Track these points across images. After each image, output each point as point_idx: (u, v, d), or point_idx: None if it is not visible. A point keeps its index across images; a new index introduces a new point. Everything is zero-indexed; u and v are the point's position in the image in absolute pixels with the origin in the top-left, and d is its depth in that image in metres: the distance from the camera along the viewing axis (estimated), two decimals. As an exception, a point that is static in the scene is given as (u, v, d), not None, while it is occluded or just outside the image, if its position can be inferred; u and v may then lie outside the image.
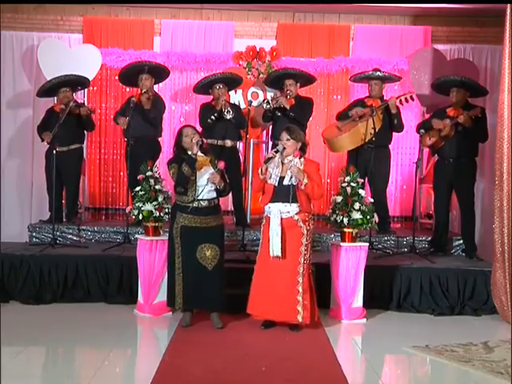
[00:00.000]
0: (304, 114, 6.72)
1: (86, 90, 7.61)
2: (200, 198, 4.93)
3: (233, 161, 6.66)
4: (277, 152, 4.88)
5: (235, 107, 6.79)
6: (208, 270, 4.94)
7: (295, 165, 4.86)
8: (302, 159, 4.97)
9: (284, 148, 4.88)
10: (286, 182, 4.86)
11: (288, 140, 4.90)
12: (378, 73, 6.87)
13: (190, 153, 4.94)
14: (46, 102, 7.21)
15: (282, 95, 6.73)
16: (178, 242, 5.00)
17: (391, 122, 6.74)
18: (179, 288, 4.98)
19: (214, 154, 5.14)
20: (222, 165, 4.97)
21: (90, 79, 7.30)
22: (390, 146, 6.92)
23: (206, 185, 4.92)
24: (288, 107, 6.63)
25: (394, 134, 6.94)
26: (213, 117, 6.58)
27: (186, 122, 7.88)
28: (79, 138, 7.09)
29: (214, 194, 5.00)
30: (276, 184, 4.87)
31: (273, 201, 4.88)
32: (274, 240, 4.82)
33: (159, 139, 7.04)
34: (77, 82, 7.05)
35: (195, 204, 4.94)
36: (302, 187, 4.82)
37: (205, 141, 5.92)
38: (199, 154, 4.96)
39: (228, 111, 6.54)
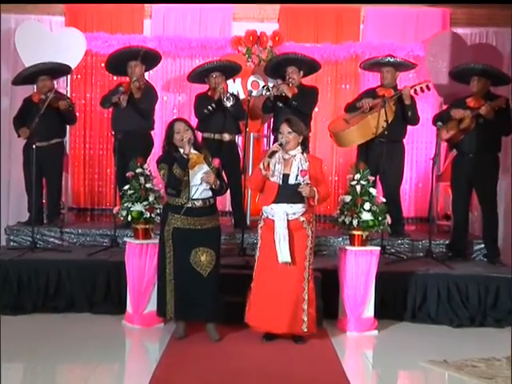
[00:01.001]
0: (308, 102, 6.70)
1: (68, 78, 7.61)
2: (194, 198, 4.92)
3: (231, 156, 6.66)
4: (280, 145, 4.87)
5: (234, 98, 6.78)
6: (203, 277, 4.93)
7: (299, 163, 4.85)
8: (305, 155, 4.96)
9: (287, 141, 4.87)
10: (291, 180, 4.85)
11: (290, 133, 4.89)
12: (389, 58, 6.85)
13: (181, 151, 4.92)
14: (25, 91, 7.17)
15: (283, 83, 6.72)
16: (169, 245, 4.99)
17: (405, 114, 6.71)
18: (170, 296, 4.97)
19: (208, 150, 5.13)
20: (217, 162, 4.97)
21: (73, 66, 7.29)
22: (403, 141, 6.91)
23: (199, 184, 4.92)
24: (290, 96, 6.62)
25: (409, 127, 6.93)
26: (210, 107, 6.58)
27: (180, 114, 7.89)
28: (60, 132, 7.07)
29: (210, 193, 4.99)
30: (280, 182, 4.86)
31: (277, 201, 4.87)
32: (281, 245, 4.81)
33: (150, 133, 7.03)
34: (57, 70, 7.01)
35: (189, 204, 4.93)
36: (315, 203, 4.85)
37: (199, 135, 5.94)
38: (192, 151, 4.94)
39: (228, 98, 6.53)
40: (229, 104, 6.55)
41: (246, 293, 5.02)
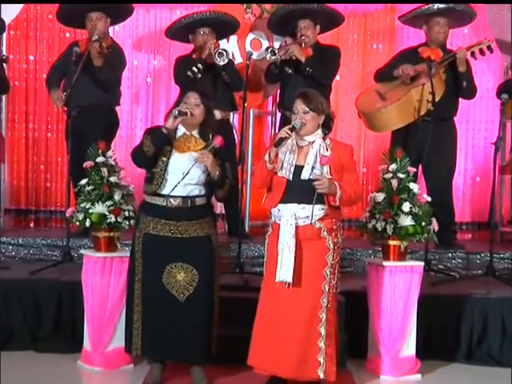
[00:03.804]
0: (326, 68, 6.74)
1: (3, 35, 7.59)
2: (171, 193, 4.90)
3: (224, 141, 6.65)
4: (292, 130, 4.86)
5: (228, 55, 6.70)
6: (179, 303, 4.91)
7: (318, 153, 4.83)
8: (328, 141, 4.96)
9: (302, 124, 4.87)
10: (305, 174, 4.83)
11: (306, 113, 4.86)
12: (439, 5, 6.71)
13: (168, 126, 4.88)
14: None
15: (294, 43, 6.73)
16: (138, 257, 4.99)
17: (458, 85, 6.70)
18: (137, 326, 4.97)
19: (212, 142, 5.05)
20: (219, 141, 4.90)
21: (10, 19, 7.28)
22: (454, 119, 6.93)
23: (183, 176, 4.87)
24: (303, 60, 6.64)
25: (461, 101, 6.93)
26: (195, 68, 6.56)
27: (156, 82, 7.94)
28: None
29: (195, 191, 4.95)
30: (290, 177, 4.87)
31: (285, 201, 4.87)
32: (284, 258, 4.80)
33: (115, 109, 7.06)
34: None
35: (163, 202, 4.93)
36: (337, 203, 4.82)
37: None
38: (194, 134, 4.93)
39: (220, 53, 6.53)
40: (222, 62, 6.54)
41: (246, 323, 5.01)
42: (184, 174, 4.84)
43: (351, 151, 4.98)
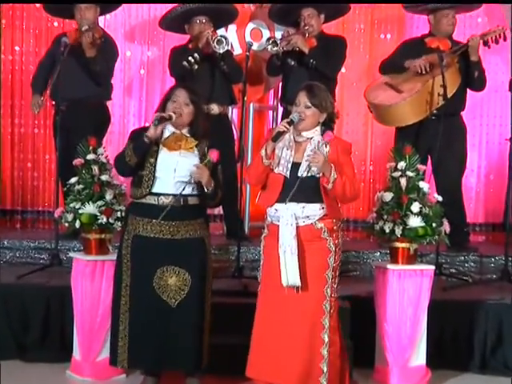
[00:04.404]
0: (331, 60, 6.75)
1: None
2: (160, 191, 4.88)
3: (222, 137, 6.61)
4: (290, 124, 4.85)
5: (227, 43, 6.70)
6: (170, 308, 4.88)
7: (316, 148, 4.81)
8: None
9: (301, 118, 4.85)
10: (302, 171, 4.83)
11: (308, 107, 4.86)
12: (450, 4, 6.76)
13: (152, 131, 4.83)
14: None
15: (297, 33, 6.73)
16: (126, 261, 4.96)
17: (469, 76, 6.72)
18: (124, 335, 4.93)
19: (208, 141, 5.02)
20: (215, 156, 4.88)
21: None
22: (462, 114, 6.92)
23: (174, 173, 4.85)
24: (307, 51, 6.65)
25: (473, 95, 6.92)
26: (191, 58, 6.55)
27: (150, 75, 7.92)
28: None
29: (188, 189, 4.94)
30: (287, 175, 4.86)
31: (282, 200, 4.86)
32: (287, 261, 4.79)
33: (106, 103, 7.05)
34: None
35: (153, 200, 4.91)
36: (329, 186, 4.78)
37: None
38: (184, 132, 4.91)
39: (219, 41, 6.52)
40: (221, 50, 6.52)
41: (242, 330, 4.98)
42: (174, 170, 4.85)
43: (350, 148, 4.98)
